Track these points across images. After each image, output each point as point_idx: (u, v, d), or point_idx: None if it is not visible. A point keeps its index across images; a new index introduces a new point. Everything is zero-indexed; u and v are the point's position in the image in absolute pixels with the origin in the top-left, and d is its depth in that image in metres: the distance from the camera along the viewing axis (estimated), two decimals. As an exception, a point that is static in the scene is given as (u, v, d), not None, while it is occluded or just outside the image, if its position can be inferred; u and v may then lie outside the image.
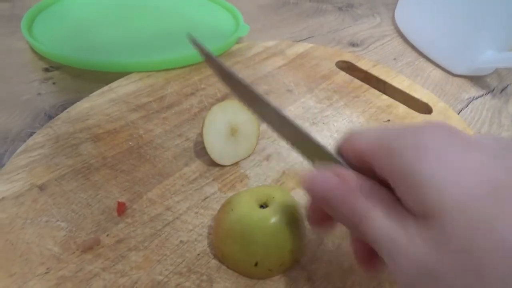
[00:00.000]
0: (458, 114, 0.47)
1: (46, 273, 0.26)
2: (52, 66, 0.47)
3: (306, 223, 0.25)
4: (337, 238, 0.30)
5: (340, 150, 0.22)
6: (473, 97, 0.51)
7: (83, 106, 0.39)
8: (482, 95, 0.52)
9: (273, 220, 0.25)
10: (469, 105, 0.49)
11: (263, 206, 0.27)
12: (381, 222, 0.17)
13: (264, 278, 0.27)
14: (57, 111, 0.41)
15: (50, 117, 0.40)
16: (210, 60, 0.26)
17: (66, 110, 0.38)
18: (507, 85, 0.54)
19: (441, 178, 0.16)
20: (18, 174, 0.31)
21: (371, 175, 0.20)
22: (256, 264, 0.25)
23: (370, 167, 0.20)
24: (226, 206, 0.27)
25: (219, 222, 0.27)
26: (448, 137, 0.17)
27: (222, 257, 0.27)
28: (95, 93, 0.41)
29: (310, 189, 0.21)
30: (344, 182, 0.20)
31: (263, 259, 0.26)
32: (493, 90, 0.53)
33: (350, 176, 0.20)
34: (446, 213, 0.15)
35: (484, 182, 0.15)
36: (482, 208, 0.15)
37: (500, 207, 0.14)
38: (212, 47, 0.48)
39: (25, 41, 0.49)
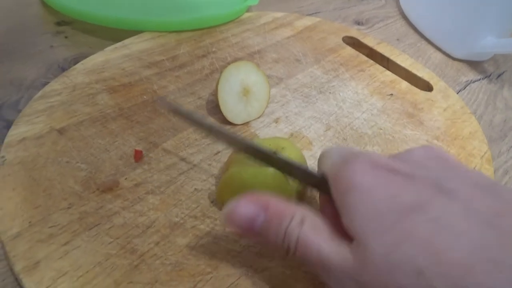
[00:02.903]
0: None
1: (69, 208, 0.27)
2: (64, 21, 0.47)
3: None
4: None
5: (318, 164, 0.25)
6: (471, 81, 0.53)
7: (97, 59, 0.39)
8: (479, 79, 0.54)
9: (270, 170, 0.27)
10: (467, 88, 0.52)
11: None
12: (314, 243, 0.20)
13: None
14: (70, 64, 0.41)
15: (63, 69, 0.41)
16: (191, 120, 0.27)
17: (81, 63, 0.39)
18: (503, 71, 0.56)
19: (360, 210, 0.19)
20: (38, 117, 0.32)
21: None
22: None
23: None
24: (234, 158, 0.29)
25: (223, 172, 0.29)
26: (371, 167, 0.20)
27: (223, 206, 0.29)
28: (108, 48, 0.41)
29: (234, 223, 0.22)
30: (265, 209, 0.21)
31: None
32: (490, 75, 0.55)
33: (270, 202, 0.21)
34: (367, 236, 0.18)
35: (396, 210, 0.18)
36: (390, 236, 0.18)
37: (406, 234, 0.17)
38: (223, 13, 0.48)
39: (36, -7, 0.49)
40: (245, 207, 0.21)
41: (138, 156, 0.31)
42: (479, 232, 0.17)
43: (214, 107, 0.37)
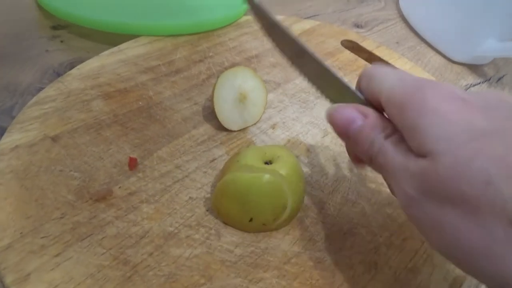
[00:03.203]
0: (456, 99, 0.49)
1: (61, 217, 0.26)
2: (60, 25, 0.47)
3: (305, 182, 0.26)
4: (338, 204, 0.31)
5: (359, 85, 0.25)
6: (471, 84, 0.53)
7: (93, 64, 0.39)
8: (479, 83, 0.53)
9: (266, 177, 0.27)
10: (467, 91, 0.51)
11: (267, 162, 0.28)
12: (393, 155, 0.21)
13: (261, 231, 0.28)
14: (65, 69, 0.41)
15: (58, 74, 0.40)
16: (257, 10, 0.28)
17: (76, 68, 0.38)
18: (504, 75, 0.56)
19: (435, 131, 0.19)
20: (31, 124, 0.32)
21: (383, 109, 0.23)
22: (251, 220, 0.27)
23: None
24: (233, 162, 0.29)
25: (219, 179, 0.29)
26: (447, 95, 0.20)
27: (218, 214, 0.29)
28: (104, 52, 0.41)
29: (333, 121, 0.24)
30: (364, 118, 0.23)
31: (257, 216, 0.27)
32: (490, 79, 0.55)
33: (370, 113, 0.23)
34: (439, 154, 0.18)
35: (469, 131, 0.18)
36: (462, 152, 0.18)
37: (478, 150, 0.18)
38: (220, 17, 0.48)
39: (32, -3, 0.49)
40: (348, 109, 0.23)
41: (132, 164, 0.31)
42: None
43: (210, 113, 0.37)
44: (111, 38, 0.44)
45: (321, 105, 0.41)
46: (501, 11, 0.50)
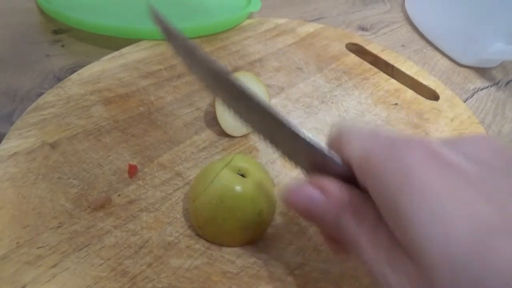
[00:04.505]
0: (463, 103, 0.48)
1: (59, 227, 0.26)
2: (61, 29, 0.47)
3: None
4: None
5: (329, 146, 0.21)
6: (478, 88, 0.52)
7: (93, 69, 0.39)
8: (487, 86, 0.52)
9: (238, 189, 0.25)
10: (474, 96, 0.50)
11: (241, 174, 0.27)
12: (370, 253, 0.16)
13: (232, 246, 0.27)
14: (66, 74, 0.41)
15: (59, 79, 0.40)
16: (172, 38, 0.23)
17: (77, 73, 0.38)
18: (512, 79, 0.55)
19: (425, 217, 0.14)
20: (30, 131, 0.31)
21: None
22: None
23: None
24: (203, 179, 0.27)
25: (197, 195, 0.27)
26: (435, 163, 0.15)
27: (199, 229, 0.27)
28: (105, 57, 0.40)
29: (290, 204, 0.20)
30: (328, 199, 0.19)
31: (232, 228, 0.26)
32: (498, 82, 0.54)
33: (336, 191, 0.19)
34: (432, 262, 0.14)
35: (475, 229, 0.13)
36: (470, 262, 0.13)
37: (490, 263, 0.13)
38: (223, 20, 0.47)
39: (34, 1, 0.49)
40: (305, 190, 0.19)
41: (132, 171, 0.30)
42: None
43: (212, 119, 0.36)
44: (113, 42, 0.44)
45: (326, 110, 0.40)
46: (509, 14, 0.49)
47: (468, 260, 0.13)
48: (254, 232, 0.27)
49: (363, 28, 0.60)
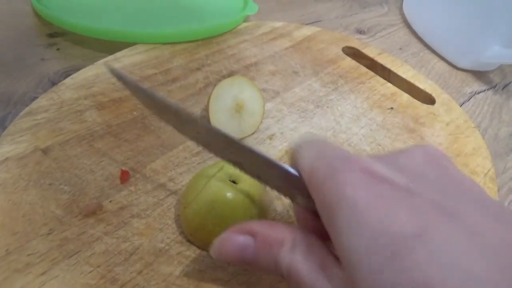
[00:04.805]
0: (460, 107, 0.47)
1: (49, 234, 0.26)
2: (57, 32, 0.46)
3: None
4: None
5: (290, 161, 0.21)
6: (476, 92, 0.51)
7: (88, 73, 0.38)
8: (485, 90, 0.52)
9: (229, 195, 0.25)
10: (471, 99, 0.50)
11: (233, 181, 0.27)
12: (305, 272, 0.17)
13: None
14: (61, 78, 0.40)
15: (53, 83, 0.40)
16: (136, 90, 0.24)
17: (71, 76, 0.38)
18: (510, 82, 0.55)
19: (352, 231, 0.15)
20: (22, 136, 0.31)
21: None
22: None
23: None
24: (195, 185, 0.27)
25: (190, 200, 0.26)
26: (366, 180, 0.16)
27: (190, 236, 0.27)
28: (100, 61, 0.40)
29: (223, 258, 0.20)
30: (260, 241, 0.19)
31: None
32: (496, 86, 0.54)
33: (259, 228, 0.19)
34: (356, 272, 0.15)
35: (392, 240, 0.14)
36: (385, 275, 0.14)
37: (403, 271, 0.14)
38: (219, 24, 0.47)
39: (30, 4, 0.49)
40: (232, 239, 0.20)
41: (124, 177, 0.30)
42: (487, 267, 0.14)
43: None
44: (108, 45, 0.43)
45: (321, 114, 0.40)
46: (507, 17, 0.49)
47: (384, 272, 0.14)
48: None
49: (360, 31, 0.60)
